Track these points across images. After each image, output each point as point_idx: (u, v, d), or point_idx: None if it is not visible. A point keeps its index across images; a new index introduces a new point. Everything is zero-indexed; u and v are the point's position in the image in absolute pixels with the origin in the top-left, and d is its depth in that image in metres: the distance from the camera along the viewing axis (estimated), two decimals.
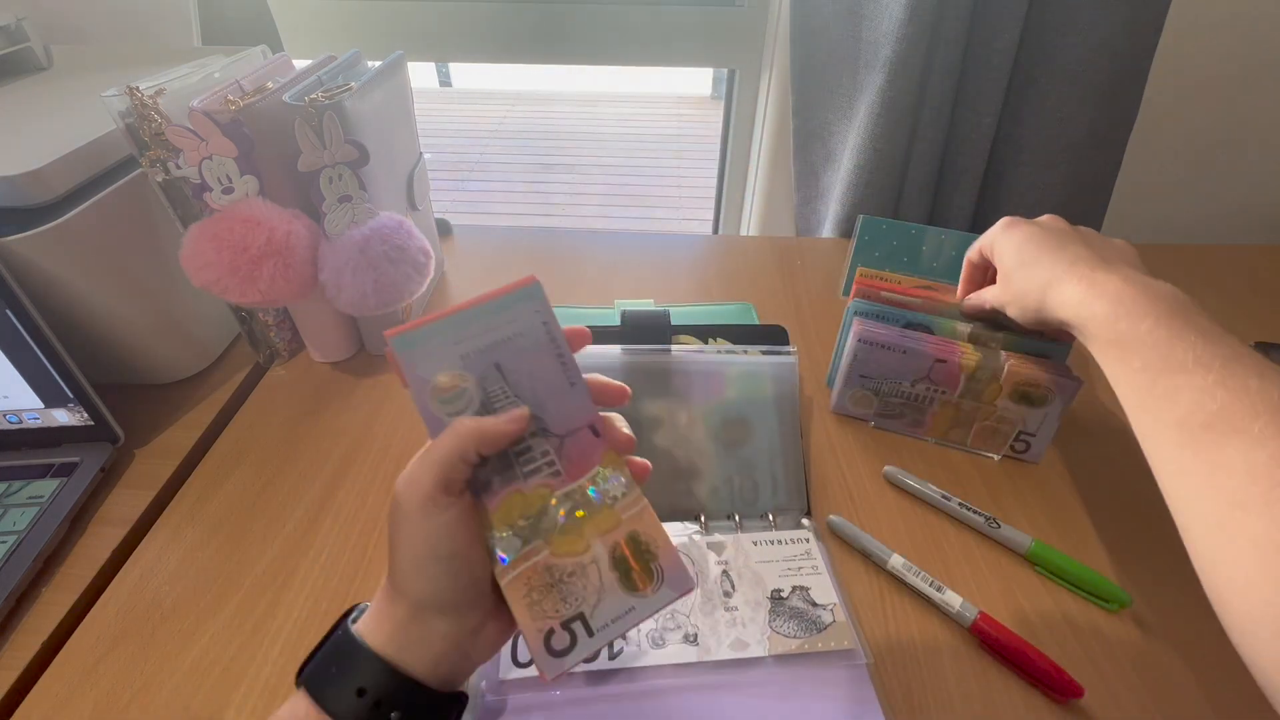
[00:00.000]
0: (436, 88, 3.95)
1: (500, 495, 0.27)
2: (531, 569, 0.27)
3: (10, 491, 0.46)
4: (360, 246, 0.49)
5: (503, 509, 0.27)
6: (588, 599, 0.27)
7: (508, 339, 0.27)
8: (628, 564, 0.28)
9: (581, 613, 0.27)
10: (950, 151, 0.78)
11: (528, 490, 0.28)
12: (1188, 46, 0.77)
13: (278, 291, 0.49)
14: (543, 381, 0.28)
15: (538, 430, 0.28)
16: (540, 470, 0.28)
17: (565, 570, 0.27)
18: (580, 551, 0.27)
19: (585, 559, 0.27)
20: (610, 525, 0.28)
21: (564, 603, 0.27)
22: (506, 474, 0.27)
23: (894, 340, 0.50)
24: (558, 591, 0.27)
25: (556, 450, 0.28)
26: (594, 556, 0.28)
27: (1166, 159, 0.86)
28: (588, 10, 0.87)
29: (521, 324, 0.28)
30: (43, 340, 0.45)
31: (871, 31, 0.73)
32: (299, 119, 0.46)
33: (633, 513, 0.29)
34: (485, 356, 0.27)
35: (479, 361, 0.27)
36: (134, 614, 0.41)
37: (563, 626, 0.27)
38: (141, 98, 0.44)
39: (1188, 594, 0.43)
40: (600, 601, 0.27)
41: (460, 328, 0.27)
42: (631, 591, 0.28)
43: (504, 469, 0.27)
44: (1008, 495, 0.49)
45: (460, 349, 0.27)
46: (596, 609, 0.27)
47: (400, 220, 0.52)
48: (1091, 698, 0.37)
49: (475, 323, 0.27)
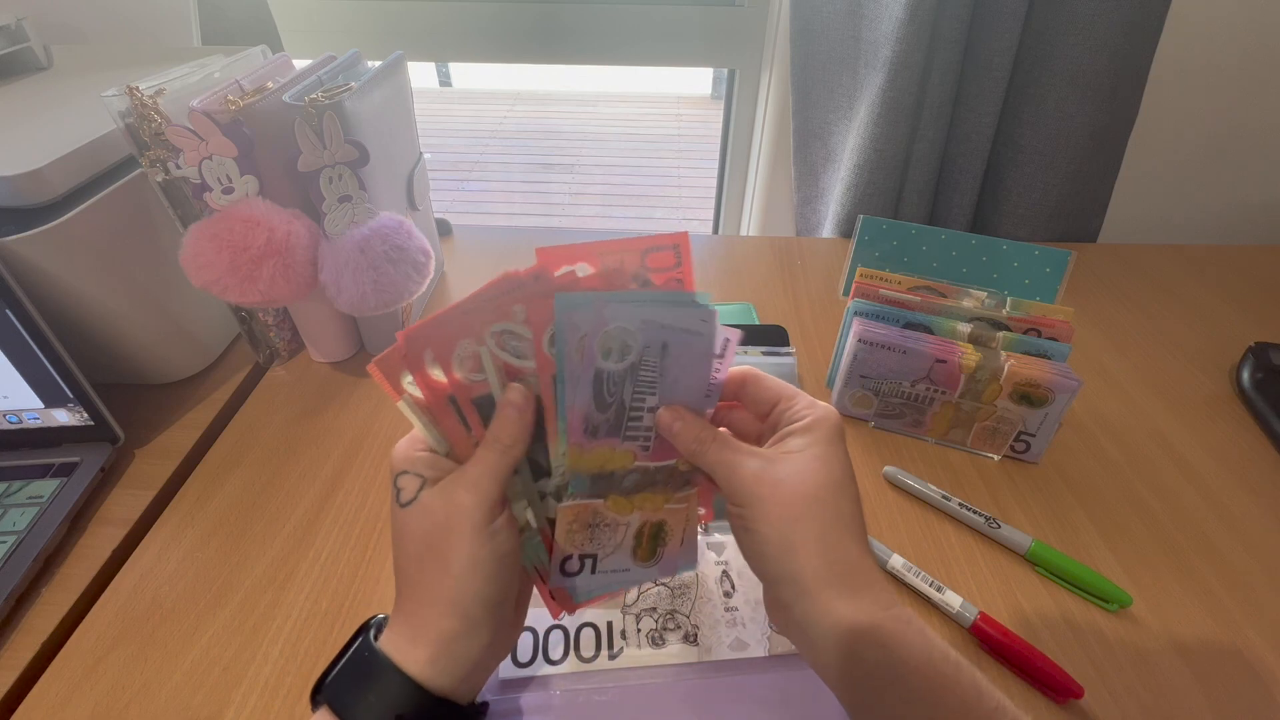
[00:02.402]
0: (436, 88, 3.95)
1: (600, 442, 0.30)
2: (586, 507, 0.31)
3: (10, 491, 0.46)
4: (360, 246, 0.49)
5: (595, 453, 0.30)
6: (605, 548, 0.32)
7: (686, 330, 0.29)
8: (643, 540, 0.33)
9: (596, 555, 0.32)
10: (950, 151, 0.78)
11: (619, 448, 0.31)
12: (1188, 46, 0.77)
13: (278, 291, 0.49)
14: (688, 378, 0.30)
15: (655, 408, 0.30)
16: (637, 438, 0.31)
17: (605, 520, 0.32)
18: (623, 514, 0.32)
19: (622, 521, 0.32)
20: (654, 508, 0.32)
21: (590, 542, 0.32)
22: (613, 429, 0.30)
23: (894, 340, 0.50)
24: (590, 533, 0.32)
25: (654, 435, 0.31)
26: (629, 523, 0.32)
27: (1166, 159, 0.86)
28: (588, 10, 0.87)
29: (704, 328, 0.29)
30: (43, 340, 0.45)
31: (871, 31, 0.73)
32: (299, 119, 0.46)
33: (674, 509, 0.33)
34: (661, 333, 0.29)
35: (653, 332, 0.29)
36: (134, 614, 0.41)
37: (580, 557, 0.32)
38: (141, 98, 0.44)
39: (1188, 594, 0.43)
40: (612, 555, 0.32)
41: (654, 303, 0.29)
42: (633, 559, 0.33)
43: (615, 424, 0.30)
44: (1008, 495, 0.49)
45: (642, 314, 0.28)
46: (608, 558, 0.32)
47: (400, 220, 0.52)
48: (1091, 698, 0.37)
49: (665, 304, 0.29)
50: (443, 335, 0.28)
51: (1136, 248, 0.80)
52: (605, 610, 0.40)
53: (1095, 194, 0.81)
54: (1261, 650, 0.40)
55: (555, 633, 0.39)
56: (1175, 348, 0.64)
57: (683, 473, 0.32)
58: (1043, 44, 0.71)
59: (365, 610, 0.41)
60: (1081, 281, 0.73)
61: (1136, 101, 0.75)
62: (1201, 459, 0.52)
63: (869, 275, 0.55)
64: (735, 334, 0.30)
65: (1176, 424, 0.56)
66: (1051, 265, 0.59)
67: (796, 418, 0.30)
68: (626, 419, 0.30)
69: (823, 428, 0.29)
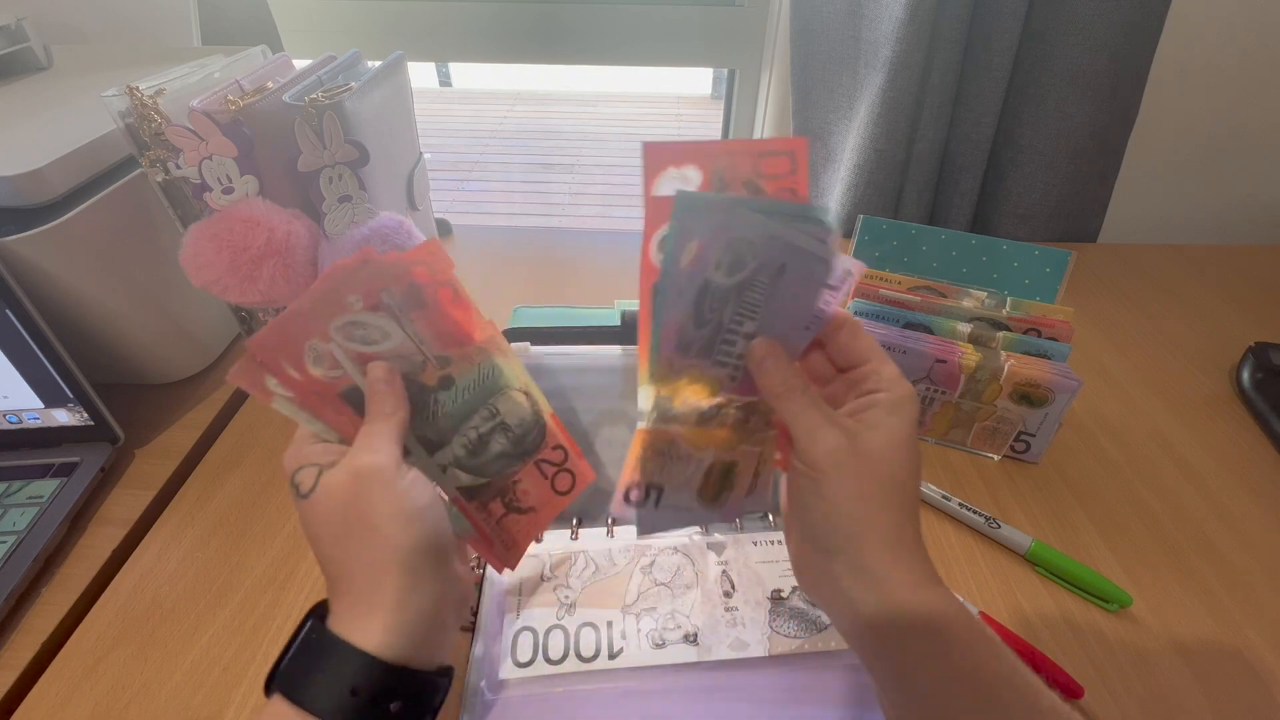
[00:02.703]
0: (436, 88, 3.94)
1: (689, 360, 0.28)
2: (662, 434, 0.29)
3: (10, 491, 0.46)
4: (360, 246, 0.49)
5: (690, 380, 0.29)
6: (673, 481, 0.31)
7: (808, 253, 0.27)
8: (712, 478, 0.31)
9: (663, 486, 0.31)
10: (950, 151, 0.78)
11: (708, 371, 0.29)
12: (1188, 46, 0.77)
13: (278, 291, 0.49)
14: (795, 308, 0.28)
15: (753, 334, 0.28)
16: (726, 365, 0.29)
17: (680, 452, 0.30)
18: (699, 448, 0.30)
19: (696, 455, 0.30)
20: (729, 446, 0.31)
21: (660, 472, 0.30)
22: (707, 349, 0.28)
23: (894, 340, 0.50)
24: (662, 462, 0.30)
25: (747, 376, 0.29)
26: (701, 458, 0.31)
27: (1166, 159, 0.86)
28: (588, 10, 0.87)
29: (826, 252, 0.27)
30: (43, 340, 0.45)
31: (871, 31, 0.73)
32: (299, 119, 0.46)
33: (747, 450, 0.31)
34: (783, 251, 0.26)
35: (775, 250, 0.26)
36: (134, 614, 0.41)
37: (647, 486, 0.30)
38: (141, 98, 0.44)
39: (1188, 594, 0.43)
40: (679, 490, 0.31)
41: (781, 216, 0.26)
42: (698, 498, 0.31)
43: (709, 344, 0.28)
44: (1008, 495, 0.49)
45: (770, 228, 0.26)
46: (674, 493, 0.31)
47: (400, 220, 0.52)
48: (1091, 698, 0.37)
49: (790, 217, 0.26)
50: (286, 340, 0.27)
51: (1136, 248, 0.80)
52: (605, 610, 0.40)
53: (1095, 194, 0.81)
54: (1261, 650, 0.40)
55: (555, 633, 0.39)
56: (1175, 348, 0.64)
57: (763, 413, 0.30)
58: (1043, 44, 0.71)
59: None
60: (1081, 281, 0.73)
61: (1136, 101, 0.75)
62: (1201, 459, 0.52)
63: (869, 275, 0.55)
64: (858, 266, 0.28)
65: (1176, 424, 0.56)
66: (1051, 265, 0.58)
67: (881, 387, 0.28)
68: (721, 341, 0.28)
69: (907, 408, 0.28)
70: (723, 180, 0.26)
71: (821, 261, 0.27)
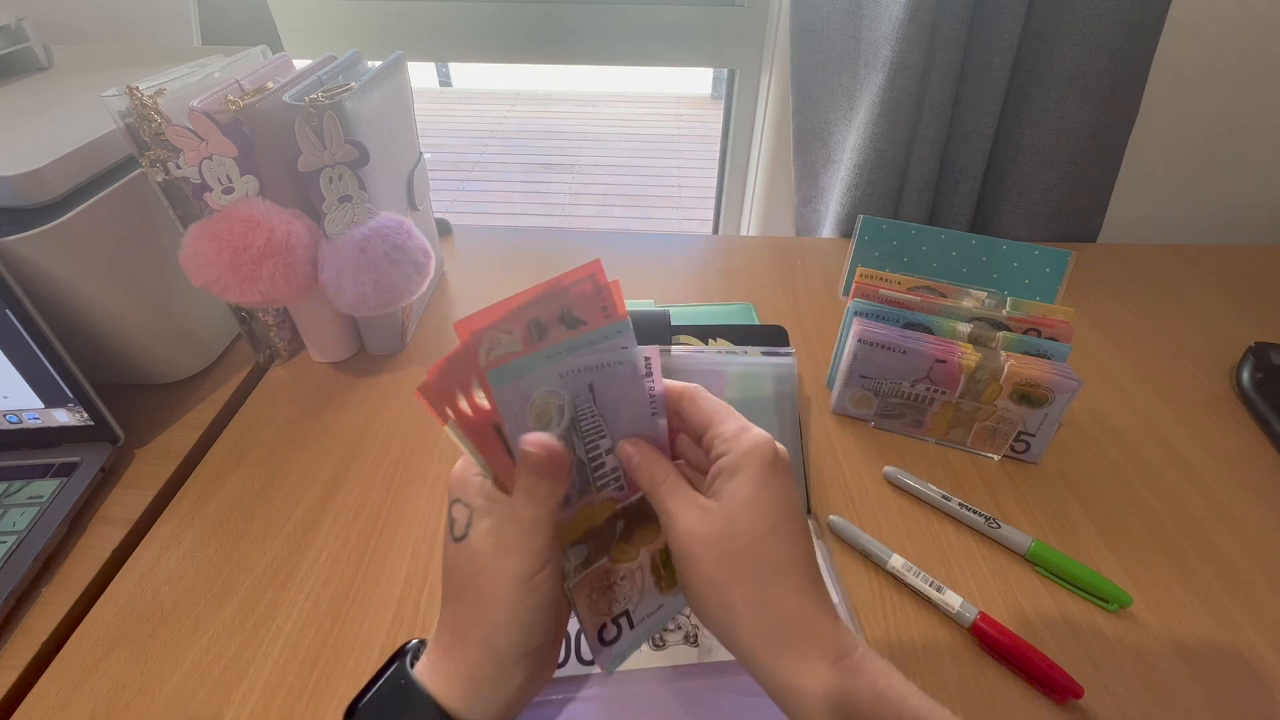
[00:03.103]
0: (436, 88, 3.95)
1: (576, 507, 0.29)
2: (595, 573, 0.30)
3: (10, 491, 0.46)
4: (360, 246, 0.49)
5: (577, 520, 0.29)
6: (632, 598, 0.31)
7: (607, 364, 0.28)
8: (660, 570, 0.32)
9: (627, 610, 0.31)
10: (950, 151, 0.78)
11: (596, 503, 0.30)
12: (1188, 46, 0.77)
13: (278, 291, 0.49)
14: (628, 407, 0.29)
15: (612, 448, 0.30)
16: (609, 485, 0.30)
17: (619, 575, 0.31)
18: (632, 559, 0.31)
19: (634, 565, 0.31)
20: (654, 537, 0.31)
21: (615, 602, 0.30)
22: (582, 487, 0.29)
23: (894, 340, 0.50)
24: (612, 592, 0.30)
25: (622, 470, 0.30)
26: (640, 563, 0.31)
27: (1166, 159, 0.86)
28: (588, 10, 0.87)
29: (623, 354, 0.29)
30: (43, 340, 0.45)
31: (871, 31, 0.73)
32: (299, 119, 0.46)
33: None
34: (583, 376, 0.28)
35: (575, 383, 0.28)
36: (134, 614, 0.41)
37: (613, 622, 0.30)
38: (141, 98, 0.44)
39: (1188, 594, 0.43)
40: (641, 601, 0.31)
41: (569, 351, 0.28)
42: (662, 592, 0.32)
43: (581, 483, 0.29)
44: (1008, 495, 0.49)
45: (558, 368, 0.27)
46: (638, 607, 0.31)
47: (400, 220, 0.52)
48: (1091, 698, 0.37)
49: (580, 346, 0.28)
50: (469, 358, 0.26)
51: (1136, 248, 0.80)
52: None
53: (1095, 194, 0.81)
54: (1261, 650, 0.40)
55: None
56: (1175, 348, 0.64)
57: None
58: (1043, 44, 0.71)
59: (365, 610, 0.41)
60: (1081, 281, 0.73)
61: (1136, 101, 0.75)
62: (1201, 459, 0.52)
63: (869, 275, 0.55)
64: (654, 351, 0.29)
65: (1176, 424, 0.56)
66: (1051, 265, 0.59)
67: (723, 451, 0.27)
68: (591, 472, 0.29)
69: (751, 464, 0.26)
70: (540, 326, 0.27)
71: (619, 364, 0.28)
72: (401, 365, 0.61)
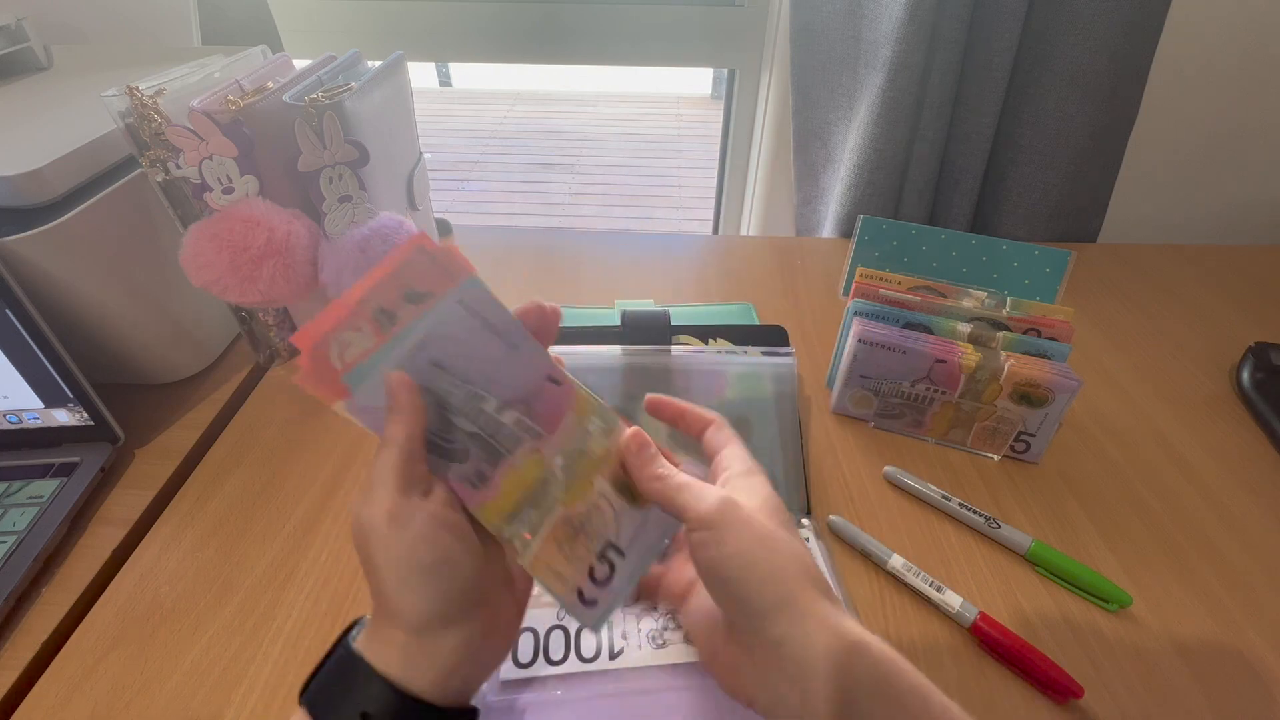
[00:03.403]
0: (436, 88, 3.94)
1: (496, 481, 0.28)
2: (555, 527, 0.28)
3: (10, 491, 0.46)
4: (360, 246, 0.49)
5: (505, 489, 0.28)
6: (609, 527, 0.29)
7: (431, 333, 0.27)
8: (630, 486, 0.30)
9: (609, 540, 0.29)
10: (950, 151, 0.78)
11: (519, 462, 0.28)
12: (1188, 46, 0.77)
13: (278, 291, 0.49)
14: (483, 357, 0.28)
15: (503, 404, 0.28)
16: (520, 439, 0.28)
17: (581, 515, 0.29)
18: (588, 493, 0.29)
19: (593, 497, 0.29)
20: (603, 458, 0.30)
21: (591, 539, 0.29)
22: (493, 457, 0.28)
23: (894, 340, 0.50)
24: (584, 534, 0.29)
25: (527, 413, 0.29)
26: (600, 491, 0.29)
27: (1166, 159, 0.86)
28: (588, 10, 0.87)
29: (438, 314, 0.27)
30: (43, 340, 0.45)
31: (871, 31, 0.73)
32: (299, 119, 0.46)
33: (616, 438, 0.30)
34: (419, 358, 0.27)
35: (417, 366, 0.27)
36: (134, 614, 0.41)
37: (599, 559, 0.29)
38: (141, 98, 0.44)
39: (1188, 594, 0.43)
40: (620, 524, 0.29)
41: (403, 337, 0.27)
42: (641, 507, 0.30)
43: (488, 453, 0.28)
44: (1008, 495, 0.49)
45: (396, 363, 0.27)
46: (620, 532, 0.29)
47: (400, 220, 0.52)
48: (1091, 698, 0.37)
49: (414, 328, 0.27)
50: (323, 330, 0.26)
51: (1136, 248, 0.80)
52: None
53: (1095, 194, 0.81)
54: (1261, 650, 0.40)
55: (556, 633, 0.39)
56: (1175, 348, 0.64)
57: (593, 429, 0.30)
58: (1043, 44, 0.71)
59: (365, 610, 0.41)
60: (1081, 281, 0.73)
61: (1136, 101, 0.75)
62: (1201, 459, 0.52)
63: (869, 275, 0.55)
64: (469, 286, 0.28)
65: (1176, 424, 0.56)
66: (1051, 265, 0.59)
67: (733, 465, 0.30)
68: (491, 438, 0.28)
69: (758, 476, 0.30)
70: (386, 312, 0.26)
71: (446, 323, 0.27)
72: None
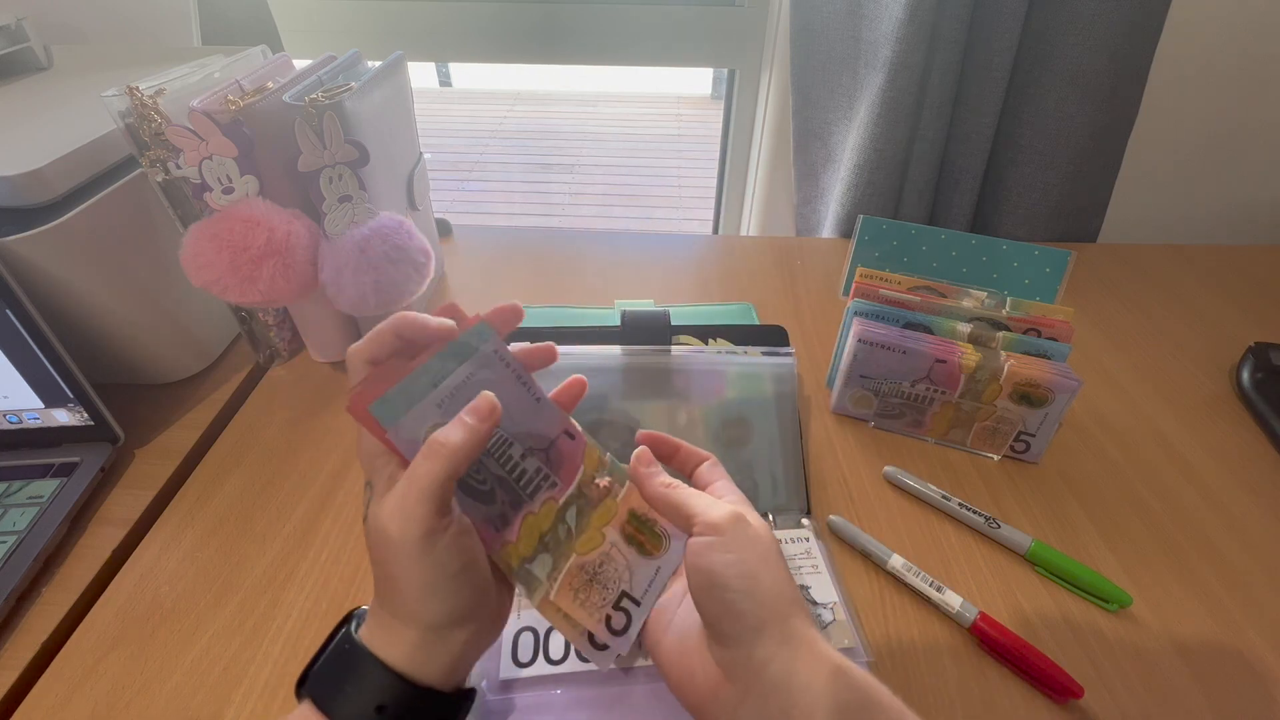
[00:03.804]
0: (436, 88, 3.94)
1: (517, 524, 0.30)
2: (569, 575, 0.30)
3: (10, 491, 0.46)
4: (360, 246, 0.49)
5: (524, 534, 0.30)
6: (623, 576, 0.31)
7: (470, 378, 0.29)
8: (638, 538, 0.32)
9: (623, 590, 0.31)
10: (950, 151, 0.78)
11: (537, 509, 0.30)
12: (1188, 46, 0.77)
13: (278, 291, 0.49)
14: (514, 406, 0.30)
15: (526, 451, 0.30)
16: (540, 487, 0.31)
17: (595, 563, 0.31)
18: (600, 543, 0.31)
19: (606, 547, 0.31)
20: (612, 513, 0.32)
21: (607, 589, 0.31)
22: (515, 501, 0.30)
23: (894, 340, 0.50)
24: (598, 582, 0.31)
25: (546, 463, 0.31)
26: (611, 542, 0.31)
27: (1166, 159, 0.86)
28: (588, 10, 0.87)
29: (478, 361, 0.29)
30: (43, 340, 0.45)
31: (871, 31, 0.73)
32: (299, 119, 0.46)
33: (624, 494, 0.33)
34: (456, 400, 0.28)
35: (452, 407, 0.28)
36: (134, 614, 0.41)
37: (614, 609, 0.30)
38: (141, 98, 0.44)
39: (1188, 594, 0.43)
40: (633, 575, 0.31)
41: (427, 381, 0.28)
42: (651, 557, 0.32)
43: (512, 497, 0.30)
44: (1008, 495, 0.49)
45: (435, 399, 0.28)
46: (633, 582, 0.31)
47: (400, 220, 0.52)
48: (1091, 698, 0.37)
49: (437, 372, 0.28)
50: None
51: (1136, 248, 0.80)
52: None
53: (1095, 194, 0.81)
54: (1261, 650, 0.40)
55: (556, 633, 0.39)
56: (1175, 348, 0.64)
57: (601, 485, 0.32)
58: (1043, 44, 0.71)
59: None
60: (1081, 281, 0.73)
61: (1136, 101, 0.75)
62: (1201, 459, 0.52)
63: (869, 275, 0.55)
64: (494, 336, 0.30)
65: (1176, 424, 0.56)
66: (1051, 265, 0.59)
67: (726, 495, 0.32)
68: (515, 483, 0.30)
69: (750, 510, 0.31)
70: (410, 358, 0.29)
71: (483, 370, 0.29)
72: None
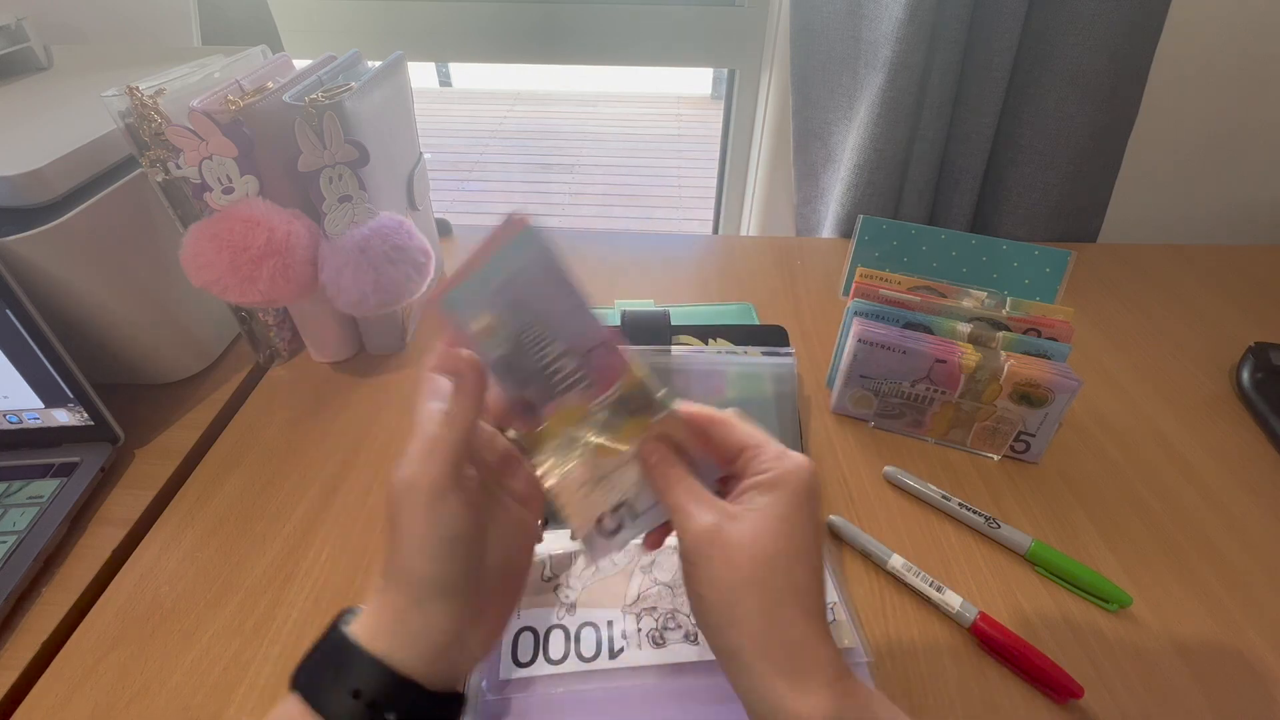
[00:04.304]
0: (436, 88, 3.94)
1: (547, 412, 0.30)
2: (582, 465, 0.31)
3: (10, 491, 0.46)
4: (360, 246, 0.49)
5: (551, 423, 0.30)
6: (629, 489, 0.31)
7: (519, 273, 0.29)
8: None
9: (626, 499, 0.31)
10: (950, 151, 0.78)
11: (567, 404, 0.30)
12: (1188, 46, 0.77)
13: (278, 291, 0.49)
14: (558, 304, 0.30)
15: (564, 351, 0.30)
16: (574, 385, 0.30)
17: (609, 466, 0.31)
18: (621, 449, 0.31)
19: (626, 456, 0.31)
20: (642, 430, 0.31)
21: (611, 492, 0.31)
22: (546, 394, 0.30)
23: (894, 340, 0.50)
24: (606, 483, 0.31)
25: (584, 365, 0.30)
26: (632, 453, 0.31)
27: (1166, 159, 0.86)
28: (588, 10, 0.87)
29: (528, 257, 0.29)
30: (43, 340, 0.45)
31: (871, 31, 0.73)
32: (299, 119, 0.46)
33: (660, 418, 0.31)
34: (505, 294, 0.29)
35: (501, 300, 0.29)
36: (134, 614, 0.41)
37: (612, 511, 0.31)
38: (141, 98, 0.44)
39: (1188, 594, 0.43)
40: (640, 492, 0.31)
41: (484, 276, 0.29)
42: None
43: (545, 391, 0.30)
44: (1008, 495, 0.49)
45: (488, 292, 0.29)
46: (638, 497, 0.31)
47: (400, 220, 0.52)
48: (1091, 698, 0.37)
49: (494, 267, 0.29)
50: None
51: (1136, 248, 0.80)
52: (606, 610, 0.40)
53: (1095, 194, 0.81)
54: (1261, 650, 0.40)
55: (556, 632, 0.39)
56: (1175, 348, 0.64)
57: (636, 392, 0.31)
58: (1043, 44, 0.71)
59: None
60: (1081, 281, 0.73)
61: (1136, 101, 0.75)
62: (1201, 459, 0.52)
63: (869, 275, 0.55)
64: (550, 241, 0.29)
65: (1176, 424, 0.56)
66: (1051, 265, 0.59)
67: (762, 469, 0.27)
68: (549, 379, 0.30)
69: (790, 484, 0.26)
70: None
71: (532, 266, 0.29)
72: (401, 365, 0.61)
